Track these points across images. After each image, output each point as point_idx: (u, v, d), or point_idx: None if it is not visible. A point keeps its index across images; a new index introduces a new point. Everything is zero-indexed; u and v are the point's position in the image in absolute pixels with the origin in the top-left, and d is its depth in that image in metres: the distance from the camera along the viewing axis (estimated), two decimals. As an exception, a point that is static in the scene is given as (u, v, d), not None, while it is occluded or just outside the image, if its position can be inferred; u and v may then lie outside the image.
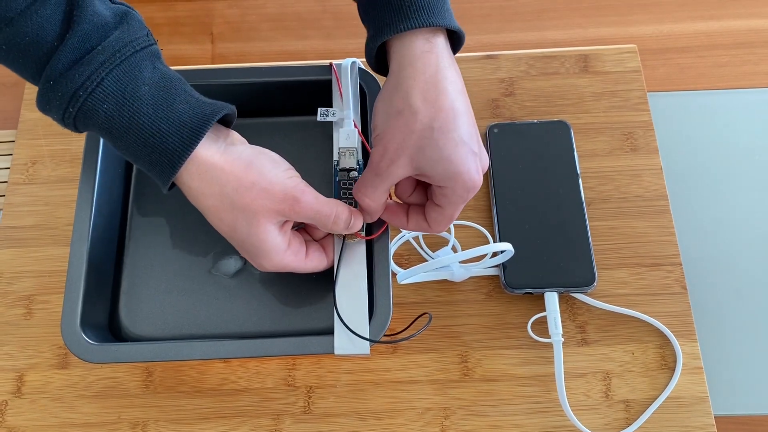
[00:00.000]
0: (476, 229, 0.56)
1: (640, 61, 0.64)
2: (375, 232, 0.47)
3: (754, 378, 0.53)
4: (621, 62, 0.63)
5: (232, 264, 0.51)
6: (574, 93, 0.62)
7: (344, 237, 0.46)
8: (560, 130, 0.59)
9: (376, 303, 0.45)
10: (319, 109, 0.50)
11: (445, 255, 0.54)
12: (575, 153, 0.58)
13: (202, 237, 0.52)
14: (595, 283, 0.53)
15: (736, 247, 0.57)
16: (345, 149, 0.48)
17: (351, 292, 0.45)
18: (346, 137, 0.48)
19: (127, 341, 0.49)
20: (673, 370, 0.52)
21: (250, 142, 0.54)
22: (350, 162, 0.48)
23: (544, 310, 0.53)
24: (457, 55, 0.63)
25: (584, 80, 0.62)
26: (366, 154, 0.49)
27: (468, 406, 0.52)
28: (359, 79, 0.52)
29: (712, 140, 0.61)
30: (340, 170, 0.48)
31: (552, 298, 0.53)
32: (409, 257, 0.57)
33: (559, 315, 0.52)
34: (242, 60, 0.66)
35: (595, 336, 0.53)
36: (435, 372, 0.53)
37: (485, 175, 0.59)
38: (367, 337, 0.44)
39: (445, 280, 0.55)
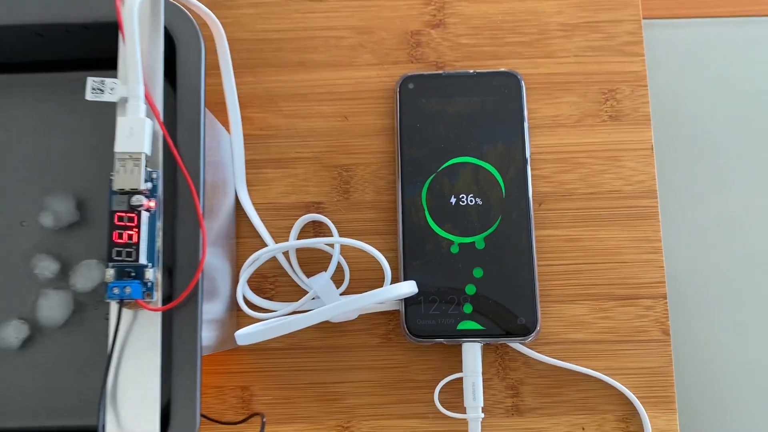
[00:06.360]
0: (374, 237, 0.38)
1: (639, -31, 0.42)
2: (177, 297, 0.29)
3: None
4: (609, -26, 0.41)
5: (11, 332, 0.33)
6: (533, 25, 0.41)
7: (120, 304, 0.29)
8: (506, 87, 0.39)
9: (174, 413, 0.29)
10: (88, 79, 0.30)
11: (321, 286, 0.37)
12: (525, 124, 0.39)
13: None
14: (536, 330, 0.37)
15: (751, 270, 0.39)
16: (125, 155, 0.29)
17: (134, 392, 0.29)
18: (129, 133, 0.29)
19: None
20: (637, 453, 0.37)
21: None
22: (132, 179, 0.29)
23: (461, 369, 0.37)
24: (363, -42, 0.42)
25: (551, 4, 0.41)
26: (171, 163, 0.30)
27: (346, 501, 0.37)
28: (168, 22, 0.31)
29: (736, 99, 0.41)
30: (117, 193, 0.29)
31: (472, 353, 0.36)
32: (276, 279, 0.39)
33: (480, 379, 0.36)
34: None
35: (532, 402, 0.38)
36: (303, 451, 0.38)
37: (392, 163, 0.40)
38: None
39: (324, 318, 0.38)
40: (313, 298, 0.38)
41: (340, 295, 0.37)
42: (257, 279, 0.39)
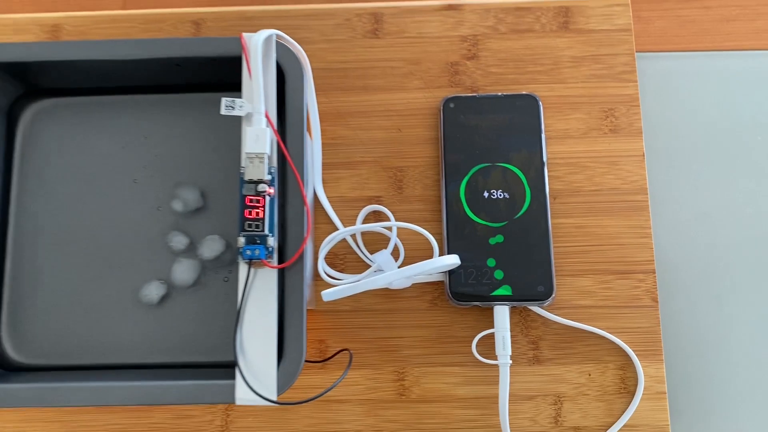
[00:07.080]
0: (422, 223, 0.49)
1: (633, 12, 0.53)
2: (288, 258, 0.39)
3: (720, 407, 0.48)
4: (609, 18, 0.52)
5: (153, 291, 0.43)
6: (549, 57, 0.52)
7: (249, 263, 0.39)
8: (528, 107, 0.50)
9: (287, 345, 0.39)
10: (222, 99, 0.40)
11: (382, 260, 0.47)
12: (543, 135, 0.49)
13: (101, 242, 0.45)
14: (552, 296, 0.47)
15: (724, 253, 0.49)
16: (253, 155, 0.39)
17: (257, 330, 0.39)
18: (255, 138, 0.40)
19: (9, 369, 0.43)
20: (632, 394, 0.47)
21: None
22: (258, 172, 0.39)
23: (493, 326, 0.47)
24: (411, 3, 0.53)
25: (562, 40, 0.52)
26: (283, 160, 0.41)
27: (402, 430, 0.47)
28: (278, 57, 0.42)
29: (711, 117, 0.52)
30: (246, 182, 0.39)
31: (502, 314, 0.46)
32: (345, 257, 0.49)
33: (508, 333, 0.46)
34: (159, 4, 0.55)
35: (548, 354, 0.48)
36: (367, 391, 0.48)
37: (436, 165, 0.50)
38: (274, 384, 0.38)
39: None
40: (375, 271, 0.48)
41: (398, 267, 0.47)
42: (330, 257, 0.49)
